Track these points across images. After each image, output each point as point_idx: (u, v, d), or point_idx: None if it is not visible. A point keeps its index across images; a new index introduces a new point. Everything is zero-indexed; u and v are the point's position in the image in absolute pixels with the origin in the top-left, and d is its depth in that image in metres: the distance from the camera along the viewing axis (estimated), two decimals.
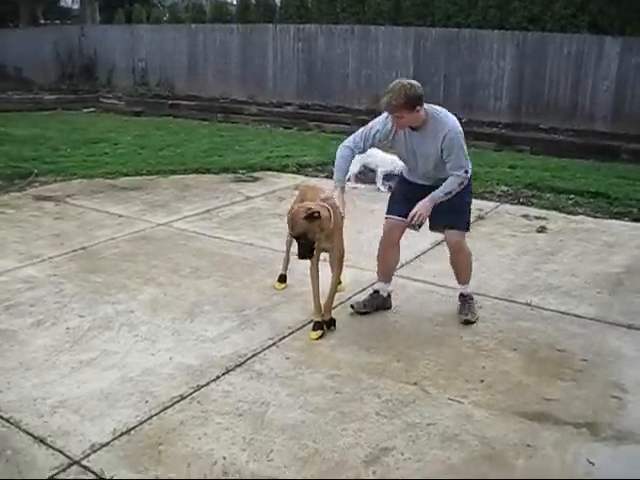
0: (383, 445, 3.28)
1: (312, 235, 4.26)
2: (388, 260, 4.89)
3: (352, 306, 4.83)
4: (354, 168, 8.83)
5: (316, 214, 4.22)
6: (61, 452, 3.17)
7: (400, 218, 4.70)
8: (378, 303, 4.88)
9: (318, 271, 4.56)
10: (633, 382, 3.97)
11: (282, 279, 5.31)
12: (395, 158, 8.82)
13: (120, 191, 8.35)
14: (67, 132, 12.76)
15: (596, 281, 5.60)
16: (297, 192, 5.26)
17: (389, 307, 4.92)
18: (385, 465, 3.14)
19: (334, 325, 4.56)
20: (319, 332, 4.44)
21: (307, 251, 4.30)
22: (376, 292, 4.91)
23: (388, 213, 4.83)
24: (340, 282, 4.87)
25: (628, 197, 8.35)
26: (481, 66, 13.70)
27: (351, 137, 4.59)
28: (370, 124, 4.62)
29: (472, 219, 7.24)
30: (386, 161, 8.82)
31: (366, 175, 9.24)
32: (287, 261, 5.30)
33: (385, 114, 4.53)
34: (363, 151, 4.64)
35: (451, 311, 4.90)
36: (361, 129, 4.61)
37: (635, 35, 12.26)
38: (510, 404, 3.69)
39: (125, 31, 19.46)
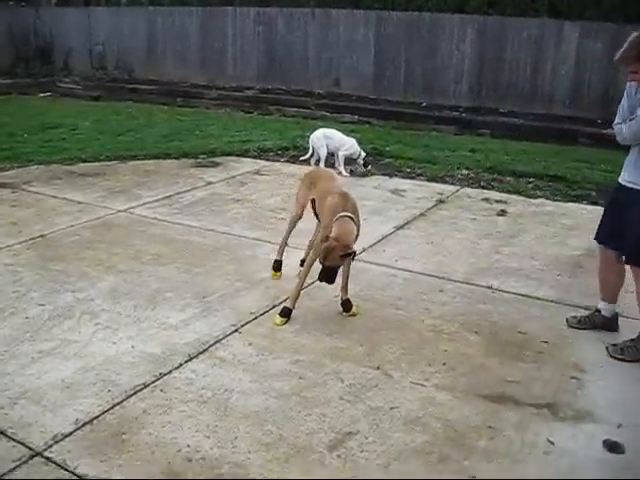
0: (347, 429, 3.30)
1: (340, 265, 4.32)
2: (609, 280, 4.49)
3: (567, 320, 4.53)
4: (324, 151, 8.78)
5: (353, 254, 4.29)
6: (22, 444, 3.13)
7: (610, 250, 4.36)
8: (597, 321, 4.47)
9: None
10: (591, 363, 4.05)
11: (278, 265, 5.22)
12: (354, 141, 8.83)
13: (79, 177, 8.22)
14: (23, 117, 12.50)
15: (555, 264, 5.68)
16: (303, 178, 5.16)
17: (613, 329, 4.45)
18: (349, 449, 3.16)
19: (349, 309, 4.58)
20: (284, 319, 4.43)
21: (332, 278, 4.31)
22: (597, 311, 4.51)
23: (597, 238, 4.50)
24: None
25: (586, 180, 8.48)
26: (441, 50, 13.73)
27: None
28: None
29: (433, 203, 7.38)
30: (348, 144, 8.78)
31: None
32: (284, 247, 5.24)
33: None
34: None
35: (412, 295, 4.94)
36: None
37: (593, 20, 12.40)
38: (472, 386, 3.74)
39: (82, 13, 19.07)
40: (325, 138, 8.80)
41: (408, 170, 9.09)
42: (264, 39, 15.83)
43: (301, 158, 9.19)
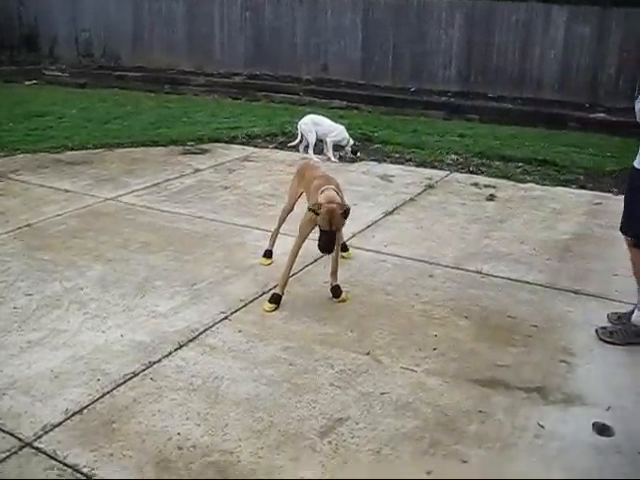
0: (337, 415, 3.30)
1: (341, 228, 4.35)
2: None
3: (596, 331, 4.20)
4: (313, 138, 8.71)
5: (349, 210, 4.30)
6: (12, 434, 3.11)
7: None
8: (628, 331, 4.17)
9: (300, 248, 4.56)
10: (581, 346, 4.07)
11: (268, 255, 5.23)
12: (343, 127, 8.80)
13: (66, 166, 8.16)
14: (8, 105, 12.37)
15: (545, 248, 5.69)
16: (298, 170, 5.17)
17: None
18: (340, 435, 3.16)
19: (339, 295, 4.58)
20: (274, 306, 4.42)
21: (332, 245, 4.30)
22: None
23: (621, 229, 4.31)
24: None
25: (575, 165, 8.50)
26: (430, 35, 13.70)
27: None
28: None
29: (422, 188, 7.38)
30: (337, 130, 8.74)
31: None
32: (275, 237, 5.24)
33: None
34: None
35: (402, 280, 4.94)
36: None
37: (581, 3, 12.39)
38: (462, 371, 3.74)
39: (67, 0, 18.90)
40: (313, 124, 8.74)
41: (397, 155, 9.08)
42: (251, 25, 15.73)
43: (289, 144, 9.15)
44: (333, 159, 8.63)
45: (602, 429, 3.26)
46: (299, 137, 8.85)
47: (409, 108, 12.61)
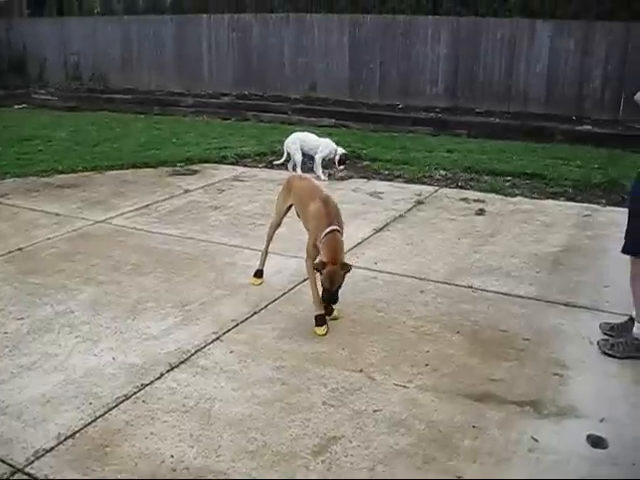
0: (331, 434, 3.29)
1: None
2: None
3: (598, 342, 4.20)
4: (299, 156, 8.73)
5: (350, 269, 4.32)
6: (3, 461, 3.08)
7: None
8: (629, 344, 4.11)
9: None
10: (573, 359, 4.07)
11: (259, 274, 5.21)
12: (329, 141, 8.81)
13: (56, 189, 8.16)
14: None
15: (535, 261, 5.71)
16: (284, 184, 5.13)
17: None
18: (334, 454, 3.15)
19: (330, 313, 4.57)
20: (325, 327, 4.38)
21: (336, 299, 4.33)
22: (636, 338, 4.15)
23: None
24: None
25: (563, 177, 8.54)
26: (416, 52, 13.81)
27: None
28: None
29: (411, 204, 7.40)
30: (323, 145, 8.74)
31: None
32: (265, 256, 5.24)
33: None
34: None
35: (393, 296, 4.94)
36: None
37: (565, 18, 12.52)
38: (455, 386, 3.74)
39: (55, 24, 18.98)
40: (299, 142, 8.77)
41: (386, 172, 9.11)
42: (239, 45, 15.84)
43: (275, 162, 9.17)
44: (322, 177, 8.64)
45: (596, 441, 3.25)
46: (285, 155, 8.88)
47: (397, 125, 12.67)
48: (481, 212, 7.18)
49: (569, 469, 3.08)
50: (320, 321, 4.40)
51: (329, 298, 4.31)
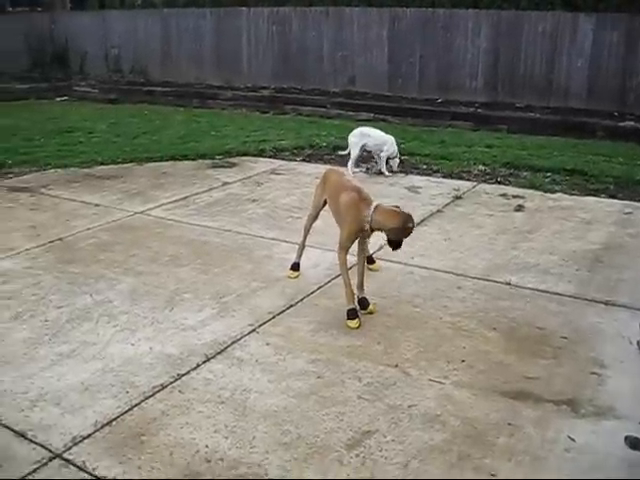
0: (365, 428, 3.29)
1: None
2: None
3: (638, 342, 4.11)
4: (356, 151, 8.51)
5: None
6: (42, 446, 3.15)
7: None
8: None
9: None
10: (612, 358, 4.01)
11: (296, 267, 5.23)
12: (394, 139, 8.68)
13: (96, 180, 8.27)
14: (40, 122, 12.59)
15: (574, 258, 5.63)
16: (321, 177, 5.10)
17: None
18: (368, 448, 3.15)
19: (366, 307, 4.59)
20: (357, 321, 4.39)
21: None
22: None
23: None
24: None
25: (604, 174, 8.40)
26: (456, 46, 13.66)
27: None
28: None
29: (449, 199, 7.35)
30: (389, 143, 8.56)
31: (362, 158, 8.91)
32: (302, 249, 5.26)
33: None
34: None
35: (430, 292, 4.92)
36: None
37: (608, 11, 12.30)
38: (491, 383, 3.71)
39: (97, 17, 19.18)
40: (362, 136, 8.53)
41: (424, 167, 9.05)
42: (279, 39, 15.84)
43: (340, 153, 9.03)
44: (387, 173, 8.53)
45: (635, 443, 3.19)
46: (348, 148, 8.68)
47: (436, 119, 12.59)
48: (520, 208, 7.10)
49: (606, 470, 3.03)
50: (352, 315, 4.40)
51: (397, 246, 4.39)
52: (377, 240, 4.96)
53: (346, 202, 4.49)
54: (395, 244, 4.37)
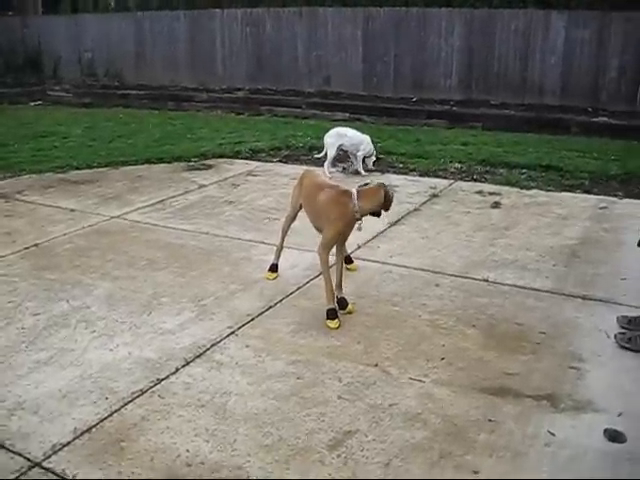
0: (346, 428, 3.29)
1: None
2: None
3: (615, 336, 4.17)
4: (332, 152, 8.52)
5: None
6: (21, 455, 3.11)
7: None
8: None
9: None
10: (590, 352, 4.04)
11: (274, 269, 5.21)
12: (369, 138, 8.69)
13: (71, 185, 8.20)
14: (14, 127, 12.46)
15: (551, 254, 5.67)
16: (298, 178, 5.10)
17: None
18: (349, 448, 3.14)
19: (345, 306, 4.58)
20: (337, 321, 4.38)
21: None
22: None
23: None
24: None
25: (579, 169, 8.49)
26: (430, 44, 13.74)
27: None
28: None
29: (426, 198, 7.37)
30: (365, 143, 8.58)
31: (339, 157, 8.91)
32: (280, 250, 5.24)
33: None
34: None
35: (408, 290, 4.93)
36: None
37: (580, 8, 12.42)
38: (471, 380, 3.73)
39: (70, 21, 19.06)
40: (339, 136, 8.53)
41: (401, 166, 9.08)
42: (252, 40, 15.84)
43: (316, 155, 9.03)
44: (363, 172, 8.54)
45: (614, 436, 3.22)
46: (325, 150, 8.66)
47: (412, 118, 12.64)
48: (496, 205, 7.14)
49: (586, 463, 3.06)
50: (331, 315, 4.40)
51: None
52: (355, 240, 4.96)
53: (327, 200, 4.50)
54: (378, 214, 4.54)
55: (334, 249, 4.61)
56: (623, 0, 12.03)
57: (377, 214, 4.51)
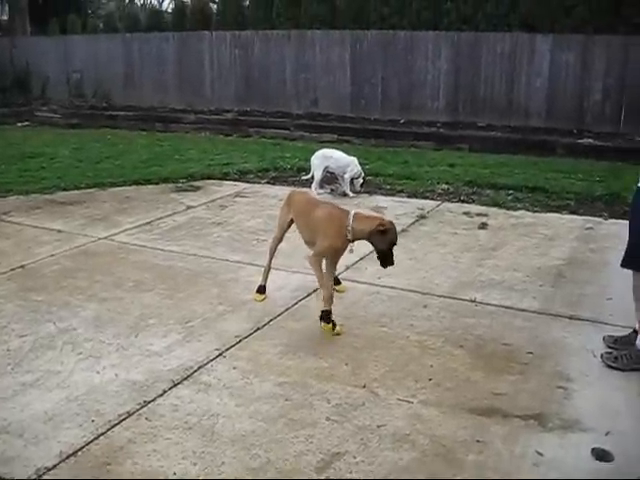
0: (335, 450, 3.28)
1: None
2: None
3: (601, 355, 4.19)
4: (319, 173, 8.58)
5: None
6: None
7: None
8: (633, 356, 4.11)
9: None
10: (578, 372, 4.05)
11: (262, 290, 5.17)
12: (356, 160, 8.72)
13: (58, 206, 8.17)
14: (1, 147, 12.41)
15: (538, 274, 5.70)
16: (285, 199, 5.13)
17: None
18: (337, 470, 3.13)
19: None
20: (332, 325, 4.45)
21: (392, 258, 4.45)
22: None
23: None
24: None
25: (565, 190, 8.55)
26: (418, 67, 13.87)
27: None
28: None
29: (414, 219, 7.39)
30: (352, 165, 8.60)
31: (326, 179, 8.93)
32: (268, 272, 5.21)
33: None
34: None
35: (396, 311, 4.93)
36: None
37: (564, 32, 12.57)
38: (459, 401, 3.72)
39: (58, 42, 19.10)
40: (325, 158, 8.59)
41: (388, 187, 9.12)
42: (241, 62, 15.93)
43: (303, 177, 9.06)
44: (350, 194, 8.55)
45: (602, 455, 3.23)
46: (311, 172, 8.73)
47: (399, 140, 12.70)
48: (483, 226, 7.17)
49: None
50: (326, 317, 4.42)
51: (387, 261, 4.42)
52: (343, 261, 4.96)
53: (324, 216, 4.53)
54: (384, 257, 4.40)
55: (324, 269, 4.61)
56: (606, 24, 12.20)
57: (382, 256, 4.41)
